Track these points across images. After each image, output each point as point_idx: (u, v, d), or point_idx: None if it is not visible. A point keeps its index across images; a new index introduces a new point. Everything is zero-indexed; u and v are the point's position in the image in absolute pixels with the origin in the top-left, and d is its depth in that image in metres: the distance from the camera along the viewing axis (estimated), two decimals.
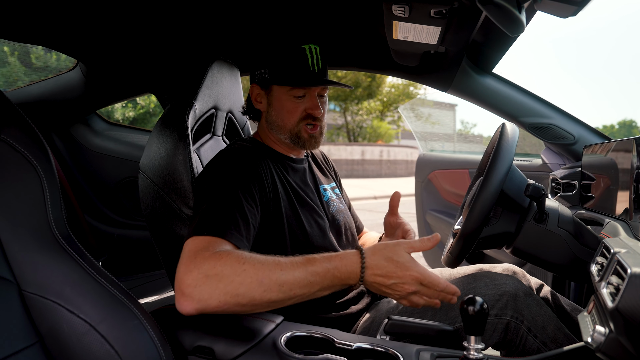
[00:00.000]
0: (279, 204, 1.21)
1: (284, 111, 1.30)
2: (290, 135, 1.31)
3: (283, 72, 1.28)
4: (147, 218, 1.36)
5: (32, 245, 0.83)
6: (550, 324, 1.18)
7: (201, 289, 0.88)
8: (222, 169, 1.17)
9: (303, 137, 1.31)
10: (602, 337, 0.81)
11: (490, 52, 1.72)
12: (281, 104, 1.30)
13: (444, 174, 2.73)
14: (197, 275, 0.89)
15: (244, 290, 0.89)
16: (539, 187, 1.17)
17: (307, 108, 1.29)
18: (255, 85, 1.35)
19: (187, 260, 0.92)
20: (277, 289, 0.90)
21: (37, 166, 0.85)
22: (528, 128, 1.91)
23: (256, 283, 0.89)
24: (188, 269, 0.90)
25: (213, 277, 0.88)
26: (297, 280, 0.92)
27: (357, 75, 22.82)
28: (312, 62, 1.27)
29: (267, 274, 0.90)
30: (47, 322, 0.82)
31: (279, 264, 0.93)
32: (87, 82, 2.11)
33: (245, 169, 1.17)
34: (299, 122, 1.29)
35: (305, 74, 1.27)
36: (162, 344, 0.88)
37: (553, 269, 1.25)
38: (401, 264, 0.98)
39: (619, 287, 0.77)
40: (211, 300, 0.88)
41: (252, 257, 0.93)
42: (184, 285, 0.88)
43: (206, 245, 0.95)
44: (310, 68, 1.27)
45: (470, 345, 0.89)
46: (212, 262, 0.90)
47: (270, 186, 1.21)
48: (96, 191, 2.36)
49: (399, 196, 1.36)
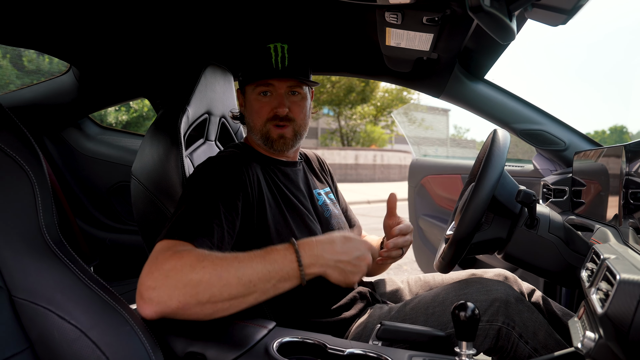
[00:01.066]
0: (264, 210, 1.21)
1: (252, 112, 1.31)
2: (261, 135, 1.31)
3: (249, 70, 1.30)
4: (139, 223, 1.35)
5: (23, 251, 0.83)
6: (541, 330, 1.19)
7: (160, 291, 0.87)
8: (205, 175, 1.16)
9: (271, 137, 1.30)
10: (592, 342, 0.81)
11: (482, 59, 1.74)
12: (250, 104, 1.32)
13: (436, 179, 2.74)
14: (157, 276, 0.88)
15: (203, 287, 0.88)
16: (530, 193, 1.18)
17: (273, 107, 1.28)
18: (238, 90, 1.39)
19: (150, 261, 0.92)
20: (236, 281, 0.90)
21: (28, 171, 0.84)
22: (519, 134, 1.92)
23: (215, 278, 0.89)
24: (150, 270, 0.90)
25: (172, 278, 0.88)
26: (256, 271, 0.92)
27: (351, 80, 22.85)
28: (276, 60, 1.26)
29: (225, 268, 0.91)
30: (38, 328, 0.81)
31: (237, 258, 0.94)
32: (80, 86, 2.10)
33: (229, 176, 1.16)
34: (266, 122, 1.29)
35: (267, 70, 1.26)
36: (154, 350, 0.88)
37: (544, 274, 1.26)
38: (354, 237, 1.06)
39: (609, 293, 0.78)
40: (171, 301, 0.87)
41: (212, 254, 0.93)
42: (144, 287, 0.88)
43: (170, 246, 0.94)
44: (274, 65, 1.26)
45: (462, 350, 0.90)
46: (172, 261, 0.89)
47: (255, 193, 1.20)
48: (88, 195, 2.34)
49: (395, 198, 1.35)
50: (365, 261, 1.04)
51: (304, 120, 1.34)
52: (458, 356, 0.90)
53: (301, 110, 1.32)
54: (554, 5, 0.93)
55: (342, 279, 1.02)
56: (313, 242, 1.02)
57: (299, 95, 1.32)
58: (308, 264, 0.98)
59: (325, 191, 1.48)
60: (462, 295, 1.23)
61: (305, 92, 1.34)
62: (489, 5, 0.82)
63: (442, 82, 1.86)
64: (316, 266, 0.99)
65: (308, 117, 1.37)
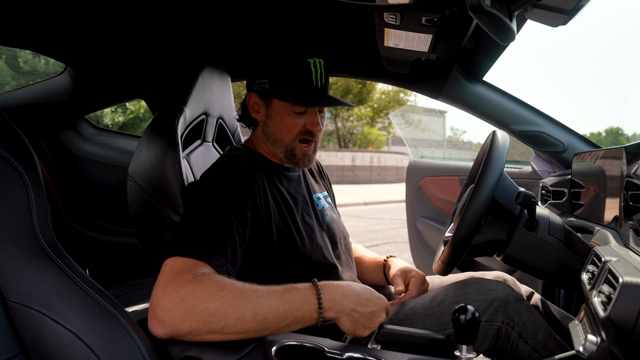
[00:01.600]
0: (270, 217, 1.19)
1: (283, 126, 1.26)
2: (286, 150, 1.28)
3: (285, 86, 1.23)
4: (136, 225, 1.34)
5: (17, 254, 0.81)
6: (540, 329, 1.18)
7: (175, 314, 0.87)
8: (214, 184, 1.14)
9: (297, 155, 1.28)
10: (594, 346, 0.80)
11: (480, 60, 1.73)
12: (281, 119, 1.26)
13: (434, 181, 2.74)
14: (174, 298, 0.88)
15: (218, 317, 0.88)
16: (530, 195, 1.17)
17: (306, 124, 1.25)
18: (253, 94, 1.30)
19: (166, 281, 0.90)
20: (252, 317, 0.90)
21: (22, 173, 0.83)
22: (518, 136, 1.92)
23: (232, 310, 0.89)
24: (166, 291, 0.89)
25: (189, 302, 0.87)
26: (272, 308, 0.92)
27: (348, 81, 22.90)
28: (316, 78, 1.22)
29: (243, 301, 0.90)
30: (32, 332, 0.80)
31: (256, 292, 0.93)
32: (76, 87, 2.09)
33: (238, 184, 1.14)
34: (296, 137, 1.26)
35: (309, 90, 1.23)
36: (150, 354, 0.86)
37: (544, 276, 1.25)
38: (374, 292, 1.06)
39: (611, 296, 0.77)
40: (183, 325, 0.87)
41: (231, 283, 0.92)
42: (159, 308, 0.87)
43: (189, 267, 0.93)
44: (314, 84, 1.22)
45: (462, 354, 0.89)
46: (191, 286, 0.89)
47: (262, 201, 1.19)
48: (84, 197, 2.33)
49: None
50: (378, 318, 1.03)
51: (321, 135, 1.33)
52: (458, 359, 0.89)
53: (323, 125, 1.31)
54: (554, 5, 0.92)
55: (352, 329, 1.02)
56: (334, 285, 1.01)
57: (324, 110, 1.31)
58: (326, 308, 0.98)
59: (324, 195, 1.48)
60: (460, 295, 1.23)
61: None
62: (489, 5, 0.81)
63: (441, 84, 1.86)
64: (332, 311, 0.99)
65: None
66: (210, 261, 0.96)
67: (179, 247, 0.98)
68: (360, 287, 1.05)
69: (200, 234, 1.01)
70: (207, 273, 0.93)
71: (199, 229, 1.02)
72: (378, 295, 1.06)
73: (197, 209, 1.07)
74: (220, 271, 0.97)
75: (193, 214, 1.07)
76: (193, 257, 0.96)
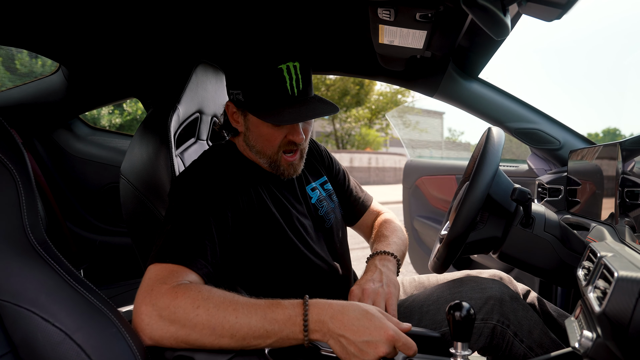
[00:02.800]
0: (256, 216, 1.15)
1: (262, 139, 1.17)
2: (270, 162, 1.20)
3: (257, 98, 1.13)
4: (128, 223, 1.33)
5: (6, 251, 0.80)
6: (536, 328, 1.18)
7: (153, 329, 0.86)
8: (193, 185, 1.10)
9: (282, 166, 1.20)
10: (590, 342, 0.80)
11: (476, 57, 1.73)
12: (259, 131, 1.16)
13: (431, 180, 2.73)
14: (150, 311, 0.87)
15: (195, 337, 0.86)
16: (525, 192, 1.17)
17: (288, 134, 1.15)
18: (231, 104, 1.21)
19: (144, 291, 0.90)
20: (229, 337, 0.86)
21: (12, 170, 0.82)
22: (514, 133, 1.91)
23: (208, 330, 0.86)
24: (144, 301, 0.88)
25: (165, 318, 0.86)
26: (252, 329, 0.86)
27: (346, 83, 22.95)
28: (291, 85, 1.11)
29: (219, 321, 0.86)
30: (21, 331, 0.79)
31: (236, 309, 0.87)
32: (70, 86, 2.07)
33: (217, 185, 1.10)
34: (279, 149, 1.17)
35: (284, 101, 1.11)
36: (141, 353, 0.85)
37: (539, 273, 1.25)
38: (377, 319, 0.86)
39: (606, 291, 0.77)
40: (163, 340, 0.87)
41: (208, 298, 0.88)
42: (139, 319, 0.88)
43: (166, 275, 0.92)
44: (289, 92, 1.11)
45: (457, 351, 0.88)
46: (166, 300, 0.87)
47: (245, 200, 1.14)
48: (78, 197, 2.32)
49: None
50: (376, 350, 0.84)
51: (308, 140, 1.24)
52: (453, 357, 0.88)
53: (309, 130, 1.22)
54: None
55: (343, 355, 0.86)
56: (326, 306, 0.89)
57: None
58: (312, 330, 0.87)
59: (321, 182, 1.39)
60: (456, 293, 1.22)
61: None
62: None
63: (436, 81, 1.85)
64: (319, 333, 0.87)
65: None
66: (189, 264, 0.95)
67: (159, 252, 0.97)
68: (359, 310, 0.88)
69: (178, 237, 0.99)
70: (183, 283, 0.91)
71: (177, 232, 1.00)
72: (382, 324, 0.86)
73: (175, 212, 1.05)
74: (200, 274, 0.96)
75: (172, 217, 1.05)
76: (172, 262, 0.94)
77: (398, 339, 0.85)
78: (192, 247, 0.98)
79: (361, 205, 1.50)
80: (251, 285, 1.15)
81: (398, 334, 0.85)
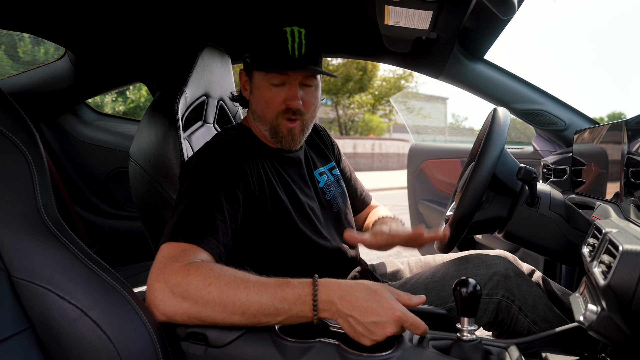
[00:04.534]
0: (266, 199, 1.17)
1: (262, 100, 1.20)
2: (270, 128, 1.21)
3: (261, 56, 1.18)
4: (138, 206, 1.35)
5: (21, 231, 0.82)
6: (540, 303, 1.19)
7: (166, 305, 0.88)
8: (205, 165, 1.11)
9: (281, 132, 1.21)
10: (594, 315, 0.81)
11: (481, 38, 1.72)
12: (260, 93, 1.20)
13: (436, 164, 2.73)
14: (163, 288, 0.89)
15: (207, 313, 0.88)
16: (531, 171, 1.17)
17: (285, 99, 1.18)
18: (242, 71, 1.28)
19: (157, 269, 0.92)
20: (240, 314, 0.88)
21: (25, 151, 0.83)
22: (519, 114, 1.91)
23: (219, 307, 0.87)
24: (157, 278, 0.90)
25: (178, 295, 0.88)
26: (263, 306, 0.87)
27: (349, 68, 22.80)
28: (293, 46, 1.14)
29: (231, 299, 0.87)
30: (38, 308, 0.81)
31: (247, 286, 0.88)
32: (76, 72, 2.08)
33: (229, 165, 1.11)
34: (278, 115, 1.19)
35: (284, 59, 1.15)
36: (155, 329, 0.87)
37: (545, 252, 1.26)
38: (385, 300, 0.86)
39: (611, 265, 0.78)
40: (176, 316, 0.89)
41: (219, 276, 0.89)
42: (152, 295, 0.89)
43: (178, 253, 0.93)
44: (290, 53, 1.14)
45: (463, 327, 0.89)
46: (179, 277, 0.89)
47: (256, 182, 1.16)
48: (86, 182, 2.34)
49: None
50: (383, 331, 0.84)
51: (313, 112, 1.25)
52: (460, 332, 0.90)
53: (313, 102, 1.23)
54: None
55: (352, 334, 0.87)
56: (335, 285, 0.89)
57: (313, 85, 1.22)
58: (321, 309, 0.88)
59: (329, 167, 1.42)
60: (461, 270, 1.24)
61: (317, 82, 1.24)
62: None
63: (442, 63, 1.85)
64: (328, 312, 0.88)
65: (317, 108, 1.27)
66: (201, 243, 0.96)
67: (171, 231, 0.98)
68: (368, 291, 0.88)
69: (190, 217, 1.01)
70: (196, 261, 0.93)
71: (190, 212, 1.02)
72: (389, 306, 0.85)
73: (187, 192, 1.07)
74: (212, 253, 0.97)
75: (183, 197, 1.06)
76: (184, 241, 0.96)
77: (406, 320, 0.85)
78: (204, 227, 0.99)
79: (363, 200, 1.57)
80: (259, 265, 1.17)
81: (406, 314, 0.85)
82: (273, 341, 0.89)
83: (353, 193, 1.52)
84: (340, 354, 0.86)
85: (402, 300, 0.90)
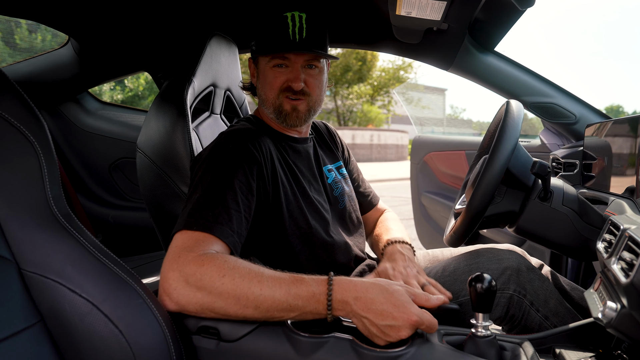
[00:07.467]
0: (278, 189, 1.17)
1: (265, 83, 1.24)
2: (274, 108, 1.24)
3: (264, 41, 1.22)
4: (146, 198, 1.33)
5: (31, 223, 0.80)
6: (552, 298, 1.19)
7: (180, 294, 0.88)
8: (220, 154, 1.12)
9: (285, 110, 1.23)
10: (614, 312, 0.80)
11: (493, 30, 1.70)
12: (263, 76, 1.24)
13: (440, 156, 2.72)
14: (178, 277, 0.88)
15: (220, 305, 0.87)
16: (545, 165, 1.16)
17: (287, 79, 1.21)
18: (250, 59, 1.32)
19: (172, 258, 0.91)
20: (253, 308, 0.87)
21: (33, 142, 0.81)
22: (530, 107, 1.89)
23: (232, 300, 0.87)
24: (171, 267, 0.90)
25: (192, 285, 0.87)
26: (276, 301, 0.86)
27: (348, 58, 22.72)
28: (294, 31, 1.18)
29: (244, 292, 0.86)
30: (48, 301, 0.80)
31: (261, 280, 0.87)
32: (80, 60, 2.05)
33: (242, 154, 1.12)
34: (280, 93, 1.22)
35: (284, 43, 1.18)
36: (167, 323, 0.86)
37: (556, 247, 1.25)
38: (401, 305, 0.85)
39: (633, 263, 0.77)
40: (189, 306, 0.88)
41: (234, 268, 0.89)
42: (166, 284, 0.89)
43: (192, 243, 0.93)
44: (291, 37, 1.18)
45: (478, 322, 0.89)
46: (193, 267, 0.88)
47: (269, 172, 1.17)
48: (89, 172, 2.32)
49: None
50: (397, 334, 0.83)
51: (319, 95, 1.27)
52: (474, 327, 0.89)
53: (317, 84, 1.25)
54: None
55: (366, 333, 0.87)
56: (351, 285, 0.88)
57: (316, 68, 1.24)
58: (335, 308, 0.87)
59: (337, 165, 1.44)
60: (473, 264, 1.23)
61: (322, 66, 1.26)
62: None
63: (452, 54, 1.82)
64: (342, 312, 0.87)
65: (324, 91, 1.30)
66: (216, 232, 0.96)
67: (185, 220, 0.97)
68: (384, 292, 0.87)
69: (205, 206, 1.00)
70: (210, 252, 0.92)
71: (204, 201, 1.01)
72: (405, 310, 0.84)
73: (201, 181, 1.06)
74: (227, 242, 0.97)
75: (198, 186, 1.06)
76: (198, 230, 0.95)
77: (422, 323, 0.84)
78: (219, 216, 0.99)
79: (370, 200, 1.57)
80: (266, 256, 1.17)
81: (422, 317, 0.84)
82: (286, 336, 0.88)
83: (360, 194, 1.53)
84: (354, 349, 0.85)
85: (419, 301, 0.90)
